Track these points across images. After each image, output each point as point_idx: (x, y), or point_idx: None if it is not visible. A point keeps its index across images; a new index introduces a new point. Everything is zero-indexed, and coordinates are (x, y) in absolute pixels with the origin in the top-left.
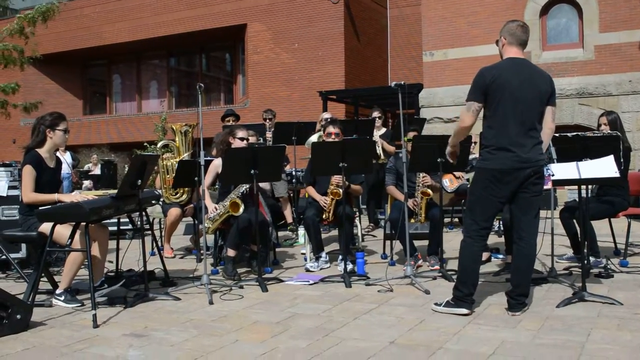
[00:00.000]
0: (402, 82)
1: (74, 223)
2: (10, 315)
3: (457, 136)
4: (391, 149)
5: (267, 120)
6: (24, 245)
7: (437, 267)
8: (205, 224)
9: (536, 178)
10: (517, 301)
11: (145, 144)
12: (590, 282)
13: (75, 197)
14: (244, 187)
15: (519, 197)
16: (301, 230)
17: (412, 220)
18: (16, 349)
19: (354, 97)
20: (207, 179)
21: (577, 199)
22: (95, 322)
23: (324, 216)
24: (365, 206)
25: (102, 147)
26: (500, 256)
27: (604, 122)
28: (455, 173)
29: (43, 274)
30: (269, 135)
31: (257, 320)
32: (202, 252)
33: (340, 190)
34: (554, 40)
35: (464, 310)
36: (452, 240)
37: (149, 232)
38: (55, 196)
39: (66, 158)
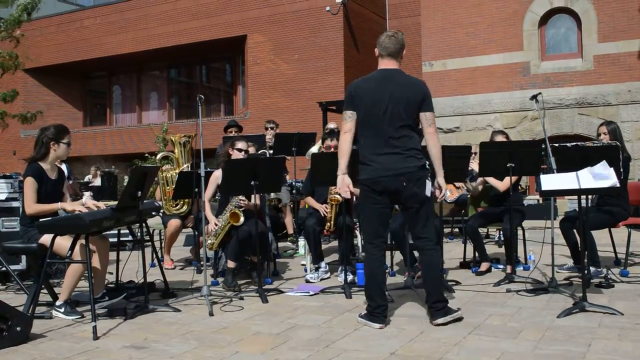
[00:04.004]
0: None
1: (74, 235)
2: (10, 327)
3: (342, 148)
4: None
5: (270, 130)
6: (24, 257)
7: None
8: (209, 241)
9: (413, 187)
10: (436, 308)
11: (146, 154)
12: (591, 292)
13: (79, 206)
14: (238, 197)
15: (406, 211)
16: (301, 241)
17: None
18: None
19: None
20: (208, 191)
21: (577, 209)
22: (95, 334)
23: (325, 226)
24: None
25: (102, 158)
26: (501, 266)
27: (604, 132)
28: (455, 183)
29: (43, 286)
30: (268, 138)
31: (258, 332)
32: (202, 263)
33: (340, 197)
34: (552, 50)
35: (376, 325)
36: (453, 251)
37: (149, 243)
38: (57, 205)
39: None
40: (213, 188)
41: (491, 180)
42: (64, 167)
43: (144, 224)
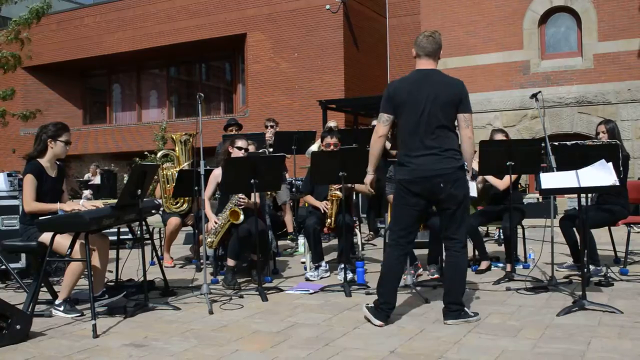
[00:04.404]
0: None
1: (74, 233)
2: (10, 325)
3: (373, 150)
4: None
5: (269, 128)
6: (23, 255)
7: (437, 275)
8: (209, 239)
9: (451, 188)
10: (449, 309)
11: (145, 152)
12: (591, 291)
13: (77, 207)
14: (237, 196)
15: (442, 212)
16: (301, 240)
17: None
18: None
19: (354, 106)
20: (208, 189)
21: (577, 207)
22: (95, 332)
23: (326, 222)
24: (365, 215)
25: (102, 156)
26: (500, 265)
27: (602, 131)
28: None
29: (43, 284)
30: (268, 136)
31: (257, 330)
32: (202, 261)
33: (340, 193)
34: (552, 49)
35: (377, 322)
36: None
37: (149, 241)
38: (57, 205)
39: None
40: (213, 186)
41: (491, 179)
42: None
43: (143, 222)
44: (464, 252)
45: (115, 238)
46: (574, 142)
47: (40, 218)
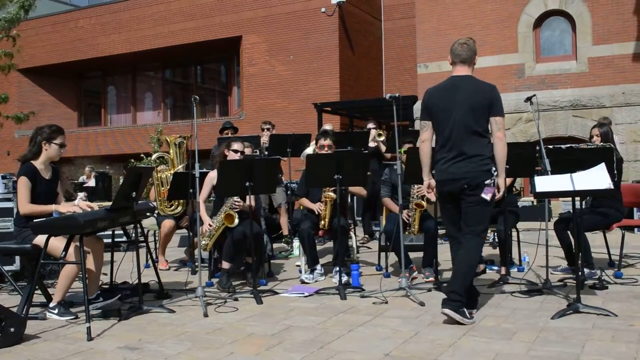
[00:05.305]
0: (397, 94)
1: (68, 235)
2: (4, 328)
3: (420, 155)
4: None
5: (266, 131)
6: (17, 258)
7: (432, 278)
8: (203, 242)
9: (470, 189)
10: (449, 298)
11: (141, 155)
12: (585, 294)
13: (73, 207)
14: (233, 198)
15: (462, 208)
16: (296, 242)
17: (407, 233)
18: None
19: (349, 109)
20: (203, 192)
21: (571, 211)
22: (89, 335)
23: (320, 224)
24: (360, 218)
25: (97, 159)
26: (495, 268)
27: (596, 134)
28: None
29: (37, 287)
30: (264, 140)
31: (252, 333)
32: (196, 264)
33: (334, 194)
34: (547, 52)
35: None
36: (447, 252)
37: (144, 244)
38: (52, 207)
39: None
40: (208, 189)
41: None
42: None
43: (138, 225)
44: (473, 245)
45: (109, 240)
46: (569, 145)
47: (34, 220)
